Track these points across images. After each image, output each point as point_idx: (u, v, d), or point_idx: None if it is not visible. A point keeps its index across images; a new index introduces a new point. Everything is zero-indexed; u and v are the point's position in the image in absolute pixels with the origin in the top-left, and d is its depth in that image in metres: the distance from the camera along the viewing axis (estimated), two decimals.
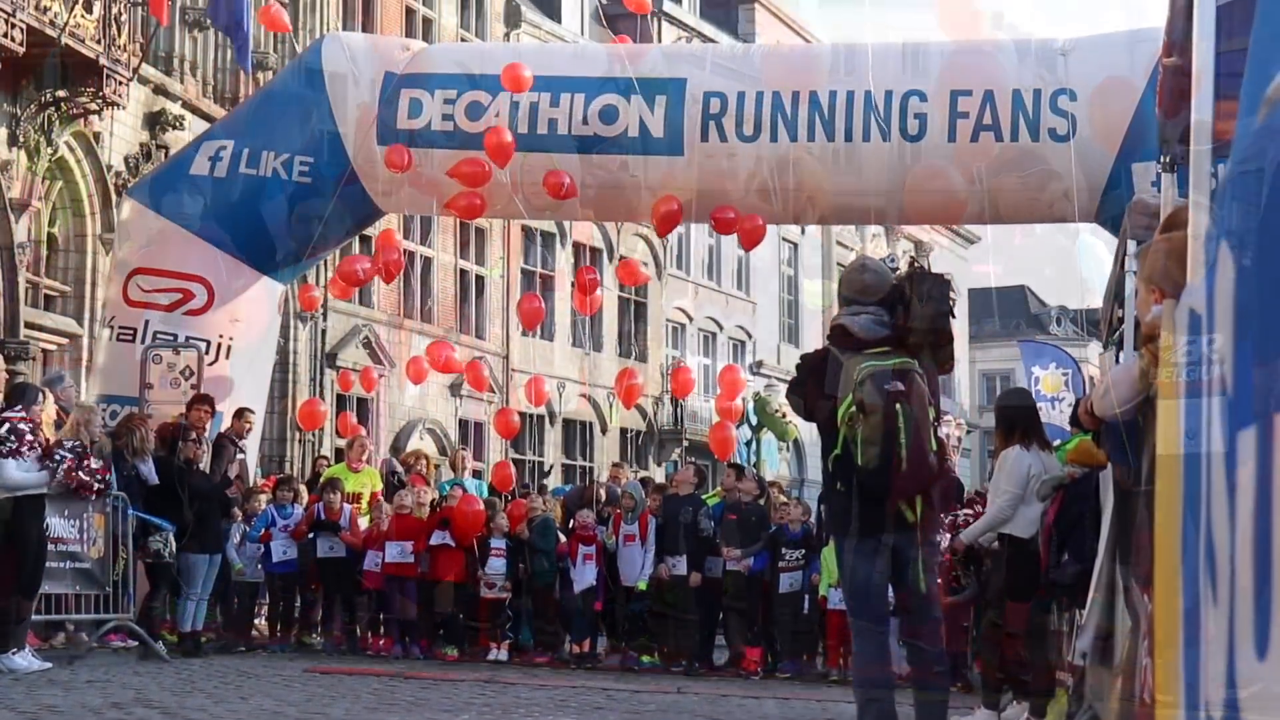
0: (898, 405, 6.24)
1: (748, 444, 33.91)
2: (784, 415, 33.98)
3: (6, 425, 10.54)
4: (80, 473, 11.03)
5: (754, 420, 34.76)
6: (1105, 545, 6.81)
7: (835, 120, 13.98)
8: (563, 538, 14.48)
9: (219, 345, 15.34)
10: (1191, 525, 2.33)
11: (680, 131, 14.44)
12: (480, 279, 34.04)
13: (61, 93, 20.67)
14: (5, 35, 18.77)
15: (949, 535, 10.16)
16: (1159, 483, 2.62)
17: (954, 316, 6.56)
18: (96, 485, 11.27)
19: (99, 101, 20.91)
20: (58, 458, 10.84)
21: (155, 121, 23.45)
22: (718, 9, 46.84)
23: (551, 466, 34.28)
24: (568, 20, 39.45)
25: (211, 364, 15.15)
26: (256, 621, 14.96)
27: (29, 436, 10.62)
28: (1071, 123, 13.16)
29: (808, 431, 34.77)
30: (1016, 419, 9.16)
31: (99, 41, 20.52)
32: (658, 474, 33.91)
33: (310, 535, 14.42)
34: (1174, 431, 2.48)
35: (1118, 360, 7.70)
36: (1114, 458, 6.10)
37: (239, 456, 14.63)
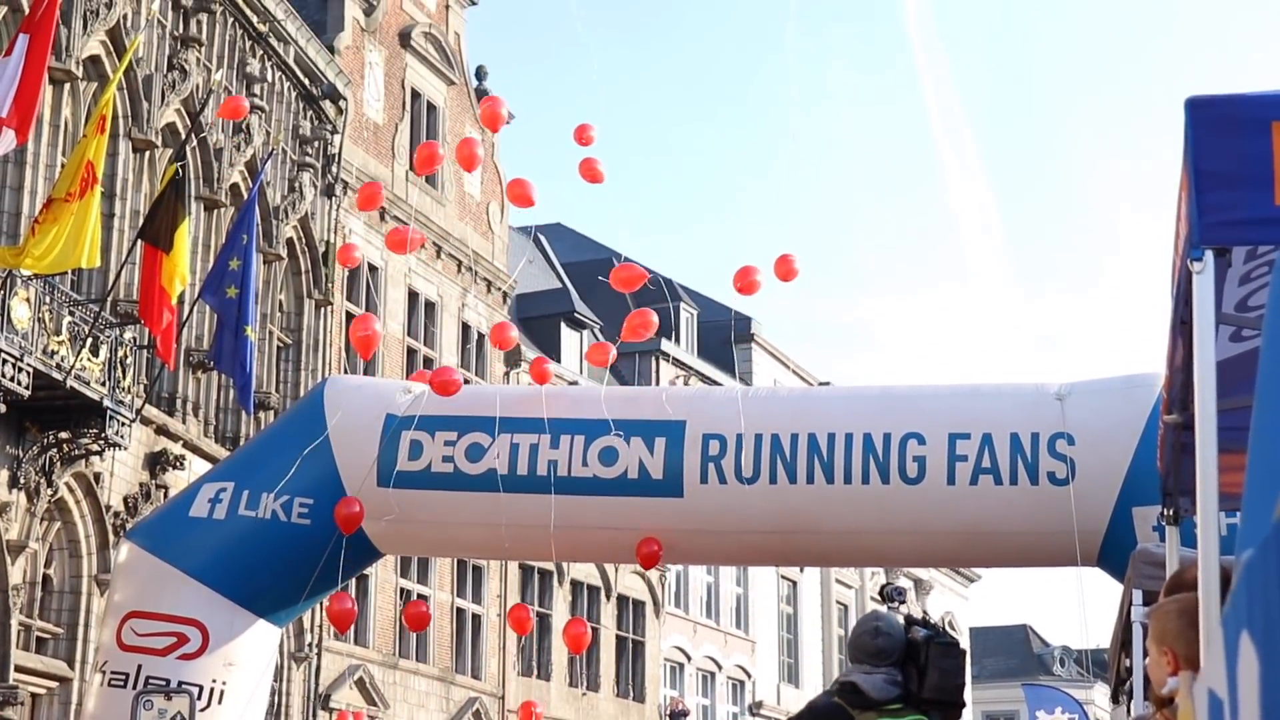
0: None
1: None
2: None
3: None
4: None
5: None
6: None
7: (834, 462, 14.00)
8: None
9: (212, 690, 15.05)
10: None
11: (680, 474, 14.45)
12: (477, 618, 33.74)
13: (64, 434, 20.82)
14: (11, 379, 18.99)
15: None
16: None
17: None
18: None
19: (101, 443, 21.05)
20: None
21: (156, 462, 23.57)
22: (715, 348, 47.60)
23: None
24: (567, 359, 40.04)
25: (204, 710, 14.83)
26: None
27: None
28: (1070, 467, 13.19)
29: None
30: None
31: (103, 384, 20.76)
32: None
33: None
34: None
35: (1128, 712, 7.55)
36: None
37: None
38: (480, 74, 36.97)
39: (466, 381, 34.08)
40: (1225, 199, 4.15)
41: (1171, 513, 6.67)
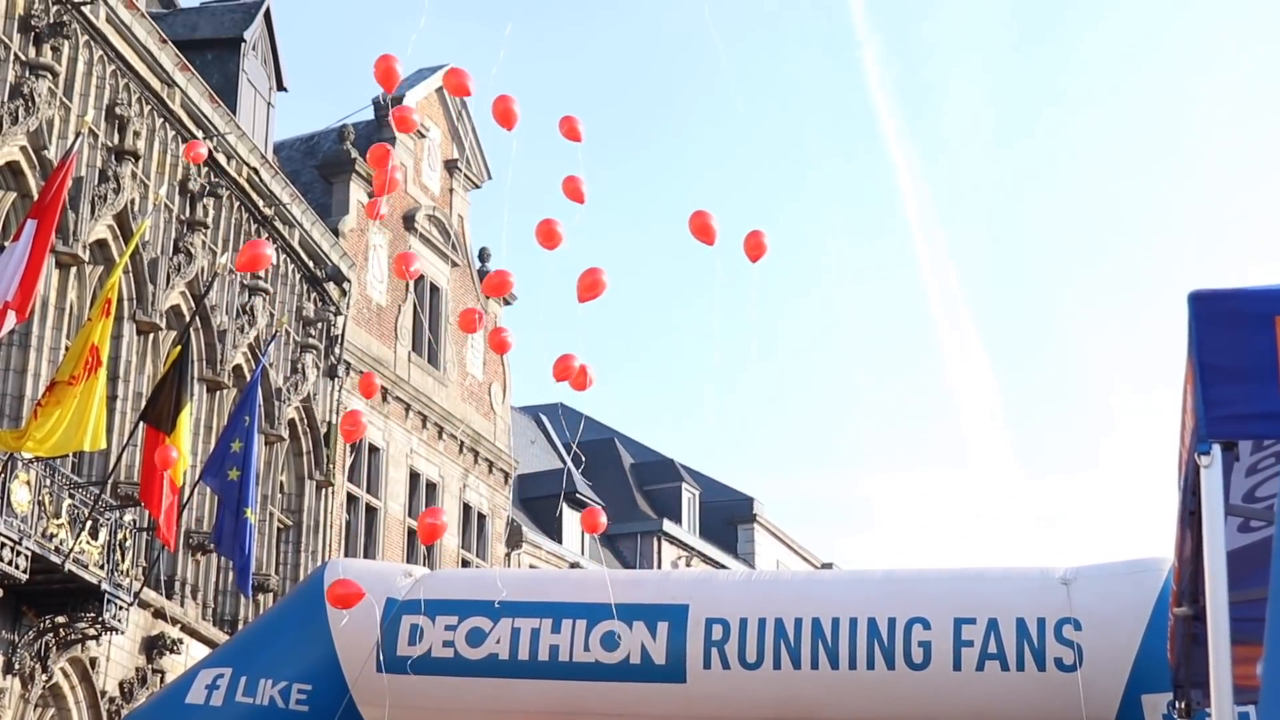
0: None
1: None
2: None
3: None
4: None
5: None
6: None
7: (839, 648, 13.85)
8: None
9: None
10: None
11: (682, 659, 14.29)
12: None
13: (61, 618, 20.66)
14: (9, 563, 18.89)
15: None
16: None
17: None
18: None
19: (98, 627, 20.88)
20: None
21: (153, 646, 23.35)
22: (717, 529, 47.41)
23: None
24: (568, 540, 39.88)
25: None
26: None
27: None
28: (1078, 653, 13.04)
29: None
30: None
31: (102, 567, 20.65)
32: None
33: None
34: None
35: None
36: None
37: None
38: (483, 256, 37.31)
39: (466, 564, 33.94)
40: (1231, 393, 4.15)
41: (1184, 705, 6.57)
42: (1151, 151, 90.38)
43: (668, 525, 44.03)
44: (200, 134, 25.84)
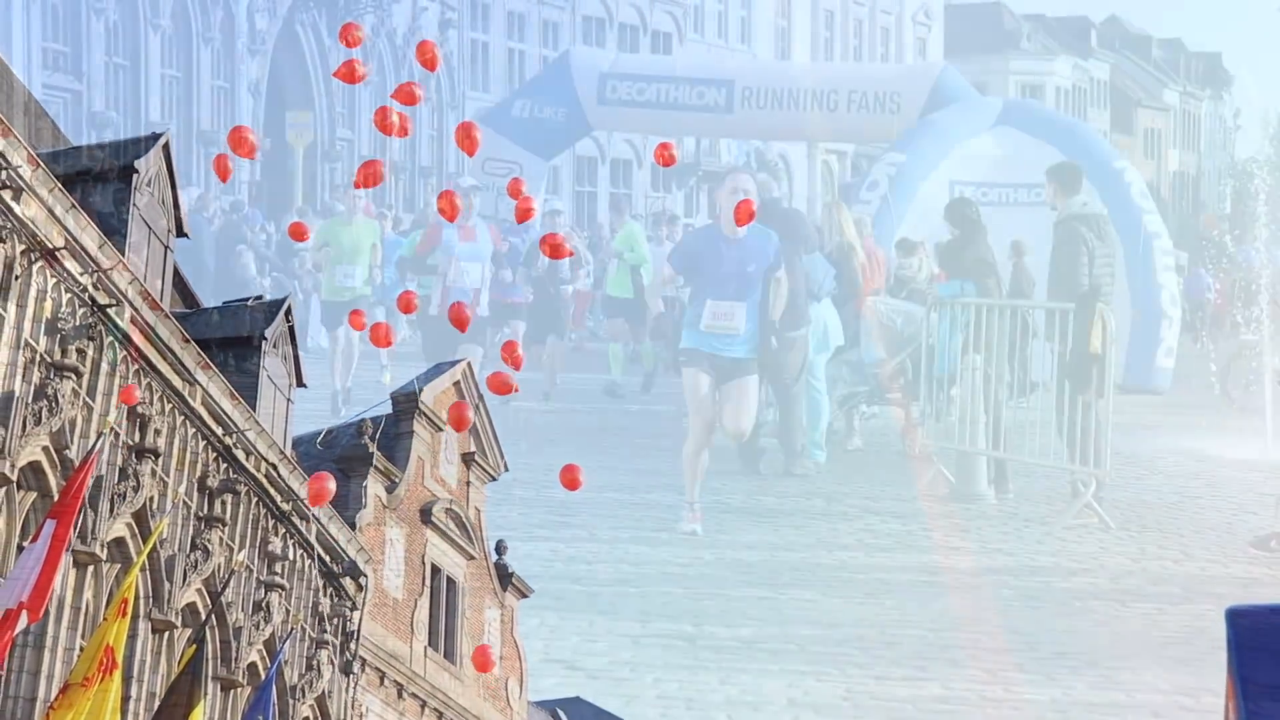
0: None
1: None
2: None
3: None
4: None
5: None
6: None
7: None
8: None
9: None
10: None
11: None
12: None
13: None
14: None
15: None
16: None
17: None
18: None
19: None
20: None
21: None
22: None
23: None
24: None
25: None
26: None
27: None
28: None
29: None
30: None
31: None
32: None
33: None
34: None
35: None
36: None
37: None
38: (500, 549, 37.21)
39: None
40: (1273, 710, 4.08)
41: None
42: None
43: None
44: (220, 430, 26.04)
